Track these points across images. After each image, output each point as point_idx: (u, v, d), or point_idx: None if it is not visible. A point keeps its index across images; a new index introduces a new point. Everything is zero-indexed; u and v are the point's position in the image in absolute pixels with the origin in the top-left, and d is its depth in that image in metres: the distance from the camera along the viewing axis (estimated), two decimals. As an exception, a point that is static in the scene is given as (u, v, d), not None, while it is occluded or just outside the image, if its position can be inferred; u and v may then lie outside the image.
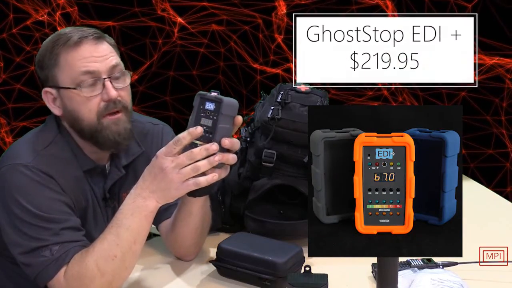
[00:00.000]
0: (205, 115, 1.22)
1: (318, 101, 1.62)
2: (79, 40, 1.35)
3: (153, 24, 2.55)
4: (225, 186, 1.70)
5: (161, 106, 2.61)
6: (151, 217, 1.27)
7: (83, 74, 1.34)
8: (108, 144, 1.38)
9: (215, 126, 1.21)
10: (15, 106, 2.54)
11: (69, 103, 1.37)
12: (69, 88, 1.35)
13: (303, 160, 1.61)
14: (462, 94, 2.60)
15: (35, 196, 1.30)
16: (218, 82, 2.61)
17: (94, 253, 1.24)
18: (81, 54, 1.35)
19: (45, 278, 1.26)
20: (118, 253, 1.24)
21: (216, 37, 2.59)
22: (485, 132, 2.64)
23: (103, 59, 1.36)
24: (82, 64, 1.34)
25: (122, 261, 1.25)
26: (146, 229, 1.27)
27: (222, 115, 1.21)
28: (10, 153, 1.38)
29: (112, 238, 1.24)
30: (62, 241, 1.27)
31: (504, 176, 2.64)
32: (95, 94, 1.35)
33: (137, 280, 1.41)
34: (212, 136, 1.21)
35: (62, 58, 1.35)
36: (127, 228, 1.24)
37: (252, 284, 1.36)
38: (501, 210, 2.00)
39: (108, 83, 1.35)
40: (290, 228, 1.60)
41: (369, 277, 1.41)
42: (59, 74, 1.36)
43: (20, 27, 2.50)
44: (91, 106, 1.35)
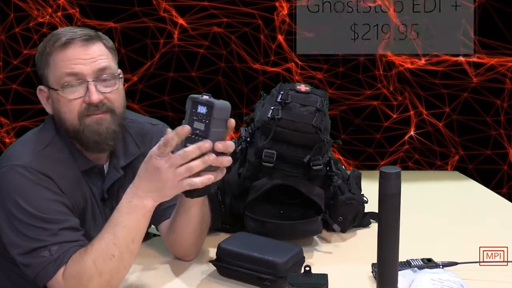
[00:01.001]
0: (197, 118, 1.20)
1: (318, 101, 1.62)
2: (67, 41, 1.35)
3: (154, 25, 2.55)
4: (225, 186, 1.70)
5: (160, 105, 2.61)
6: (149, 215, 1.26)
7: (67, 75, 1.34)
8: (90, 144, 1.38)
9: (208, 130, 1.19)
10: (13, 107, 2.54)
11: (55, 103, 1.38)
12: (54, 89, 1.36)
13: (303, 160, 1.61)
14: (464, 95, 2.60)
15: (33, 197, 1.30)
16: (217, 83, 2.61)
17: (92, 253, 1.24)
18: (67, 56, 1.35)
19: (44, 278, 1.26)
20: (115, 252, 1.24)
21: (217, 37, 2.59)
22: (484, 134, 2.64)
23: (90, 62, 1.35)
24: (67, 66, 1.34)
25: (120, 260, 1.24)
26: (143, 228, 1.27)
27: (214, 118, 1.19)
28: (9, 154, 1.38)
29: (109, 237, 1.24)
30: (61, 241, 1.27)
31: (501, 178, 2.64)
32: (77, 97, 1.35)
33: (137, 280, 1.41)
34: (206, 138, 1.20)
35: (51, 59, 1.36)
36: (124, 227, 1.24)
37: (252, 284, 1.36)
38: (501, 210, 2.00)
39: (92, 86, 1.34)
40: (290, 228, 1.60)
41: (369, 277, 1.42)
42: (49, 74, 1.37)
43: (22, 27, 2.51)
44: (72, 107, 1.35)
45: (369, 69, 2.62)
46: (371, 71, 2.62)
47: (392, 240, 1.09)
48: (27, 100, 2.50)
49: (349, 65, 2.60)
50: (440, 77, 2.59)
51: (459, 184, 2.42)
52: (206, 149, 1.18)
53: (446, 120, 2.65)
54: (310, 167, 1.61)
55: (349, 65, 2.60)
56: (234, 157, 1.72)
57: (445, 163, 2.68)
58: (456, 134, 2.65)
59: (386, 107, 2.65)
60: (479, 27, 2.53)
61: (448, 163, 2.68)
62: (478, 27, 2.53)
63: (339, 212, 1.71)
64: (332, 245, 1.65)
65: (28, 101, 2.49)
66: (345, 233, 1.73)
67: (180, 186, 1.20)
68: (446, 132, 2.66)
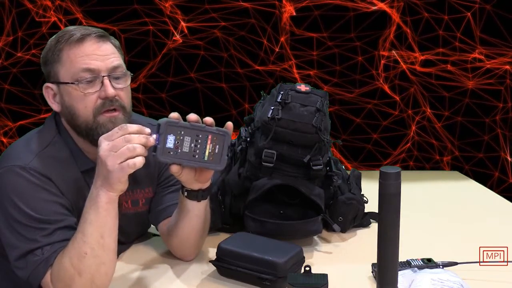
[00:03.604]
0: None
1: (318, 101, 1.62)
2: (82, 37, 1.36)
3: (154, 27, 2.55)
4: (225, 186, 1.70)
5: (158, 105, 2.62)
6: (110, 208, 1.23)
7: (83, 71, 1.35)
8: None
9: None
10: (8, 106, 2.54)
11: (67, 99, 1.38)
12: (68, 83, 1.36)
13: (303, 160, 1.60)
14: (466, 101, 2.61)
15: (31, 198, 1.30)
16: (220, 88, 2.62)
17: (67, 253, 1.24)
18: (83, 51, 1.35)
19: (36, 278, 1.27)
20: (87, 249, 1.22)
21: (218, 37, 2.59)
22: (480, 138, 2.65)
23: (104, 58, 1.36)
24: (83, 61, 1.35)
25: (94, 257, 1.23)
26: (110, 222, 1.24)
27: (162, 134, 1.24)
28: (9, 154, 1.38)
29: (79, 235, 1.23)
30: (53, 241, 1.27)
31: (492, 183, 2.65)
32: (93, 91, 1.35)
33: (137, 280, 1.41)
34: None
35: (65, 54, 1.36)
36: (89, 222, 1.23)
37: (252, 284, 1.36)
38: (501, 210, 2.00)
39: (107, 80, 1.35)
40: (290, 228, 1.60)
41: (369, 277, 1.42)
42: (60, 70, 1.37)
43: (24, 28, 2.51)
44: (87, 102, 1.35)
45: (366, 69, 2.62)
46: (369, 70, 2.62)
47: (392, 240, 1.09)
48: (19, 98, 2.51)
49: (347, 64, 2.61)
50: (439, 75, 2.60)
51: (459, 184, 2.42)
52: (146, 133, 1.21)
53: (446, 120, 2.66)
54: (310, 167, 1.61)
55: (347, 64, 2.61)
56: (234, 157, 1.73)
57: (441, 160, 2.69)
58: (456, 134, 2.66)
59: (386, 106, 2.65)
60: (482, 28, 2.54)
61: (444, 161, 2.69)
62: (481, 28, 2.54)
63: (339, 212, 1.71)
64: (332, 245, 1.65)
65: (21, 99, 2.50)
66: (345, 233, 1.73)
67: (125, 168, 1.19)
68: (444, 131, 2.66)
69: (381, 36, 2.59)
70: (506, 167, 2.63)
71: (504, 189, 2.60)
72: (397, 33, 2.59)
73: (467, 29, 2.56)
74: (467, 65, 2.58)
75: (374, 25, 2.59)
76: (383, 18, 2.58)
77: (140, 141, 1.20)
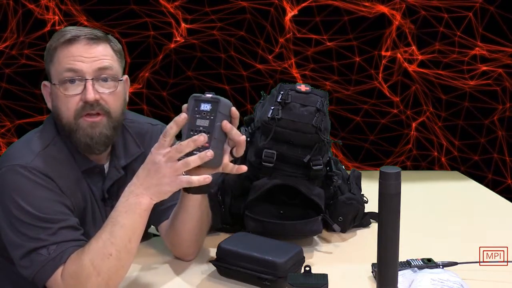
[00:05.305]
0: (200, 116, 1.22)
1: (318, 101, 1.62)
2: (72, 38, 1.36)
3: (156, 26, 2.55)
4: (225, 186, 1.70)
5: (159, 105, 2.62)
6: (146, 215, 1.25)
7: (66, 71, 1.35)
8: (82, 146, 1.38)
9: (213, 126, 1.21)
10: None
11: (54, 99, 1.39)
12: (54, 84, 1.37)
13: (303, 160, 1.60)
14: (465, 104, 2.61)
15: (33, 197, 1.30)
16: (221, 88, 2.62)
17: (90, 252, 1.24)
18: (71, 52, 1.35)
19: (42, 278, 1.26)
20: (113, 251, 1.23)
21: (218, 37, 2.59)
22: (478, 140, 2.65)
23: (91, 60, 1.36)
24: (68, 62, 1.35)
25: (117, 260, 1.24)
26: (140, 227, 1.26)
27: (220, 113, 1.22)
28: (9, 154, 1.38)
29: (106, 236, 1.24)
30: (59, 240, 1.27)
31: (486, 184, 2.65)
32: (74, 94, 1.35)
33: (137, 280, 1.41)
34: (211, 134, 1.21)
35: (55, 54, 1.37)
36: (121, 226, 1.23)
37: (252, 284, 1.36)
38: (501, 210, 2.00)
39: (89, 84, 1.34)
40: (290, 228, 1.60)
41: (369, 277, 1.42)
42: (51, 70, 1.39)
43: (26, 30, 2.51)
44: (69, 104, 1.35)
45: (365, 69, 2.62)
46: (367, 70, 2.62)
47: (392, 240, 1.09)
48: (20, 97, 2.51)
49: (346, 62, 2.61)
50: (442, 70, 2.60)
51: (459, 184, 2.41)
52: (201, 142, 1.19)
53: (445, 120, 2.66)
54: (310, 167, 1.61)
55: (346, 62, 2.61)
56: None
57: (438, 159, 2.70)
58: (456, 135, 2.66)
59: (386, 106, 2.65)
60: (484, 28, 2.54)
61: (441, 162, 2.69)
62: (482, 28, 2.54)
63: (339, 212, 1.71)
64: (332, 245, 1.65)
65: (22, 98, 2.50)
66: (345, 233, 1.73)
67: (178, 183, 1.21)
68: (445, 131, 2.66)
69: (382, 36, 2.60)
70: (505, 167, 2.63)
71: (503, 189, 2.60)
72: (397, 32, 2.59)
73: (468, 28, 2.56)
74: (466, 65, 2.58)
75: (375, 26, 2.59)
76: (383, 19, 2.59)
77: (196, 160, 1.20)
